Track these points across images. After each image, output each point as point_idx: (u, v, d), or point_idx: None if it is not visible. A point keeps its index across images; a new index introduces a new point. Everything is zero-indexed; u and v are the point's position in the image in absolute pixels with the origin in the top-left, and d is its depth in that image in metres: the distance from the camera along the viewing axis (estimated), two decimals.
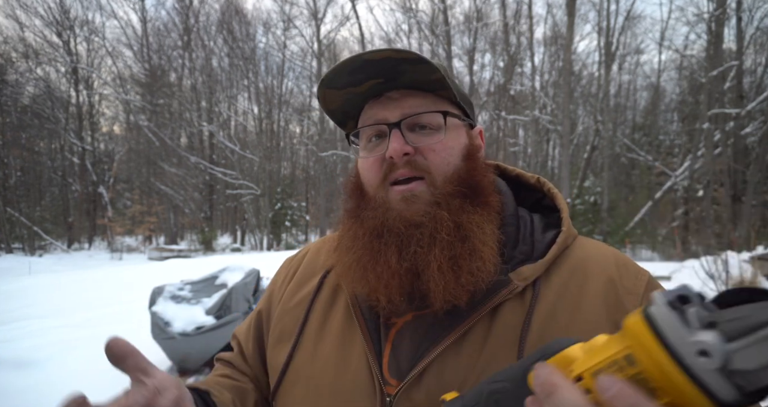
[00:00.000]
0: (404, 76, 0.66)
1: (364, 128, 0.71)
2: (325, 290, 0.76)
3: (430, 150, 0.66)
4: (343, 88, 0.68)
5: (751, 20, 20.22)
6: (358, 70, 0.65)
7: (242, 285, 4.81)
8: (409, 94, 0.68)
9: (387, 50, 0.62)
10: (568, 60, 19.75)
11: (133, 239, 28.92)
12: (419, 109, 0.67)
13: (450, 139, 0.68)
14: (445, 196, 0.65)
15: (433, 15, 27.76)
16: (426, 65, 0.63)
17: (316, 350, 0.69)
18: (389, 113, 0.68)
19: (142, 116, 28.42)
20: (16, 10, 26.27)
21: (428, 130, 0.68)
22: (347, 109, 0.73)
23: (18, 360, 4.29)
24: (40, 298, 7.97)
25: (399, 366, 0.63)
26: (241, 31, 30.45)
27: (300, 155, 36.72)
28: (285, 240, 28.03)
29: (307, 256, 0.86)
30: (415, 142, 0.66)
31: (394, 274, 0.63)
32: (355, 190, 0.72)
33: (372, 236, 0.66)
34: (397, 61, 0.63)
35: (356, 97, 0.70)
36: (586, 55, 34.84)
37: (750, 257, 8.36)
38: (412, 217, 0.64)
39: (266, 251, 24.96)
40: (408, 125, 0.67)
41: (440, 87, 0.67)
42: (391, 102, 0.68)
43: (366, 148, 0.71)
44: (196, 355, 4.32)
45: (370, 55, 0.62)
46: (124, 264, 16.86)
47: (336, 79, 0.66)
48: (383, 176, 0.67)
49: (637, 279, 0.65)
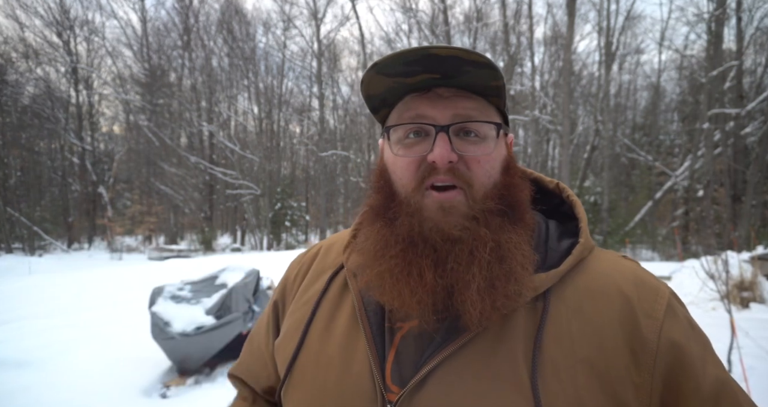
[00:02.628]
0: (464, 76, 0.62)
1: (404, 125, 0.65)
2: (332, 289, 0.75)
3: (474, 161, 0.63)
4: (393, 77, 0.64)
5: (751, 20, 20.20)
6: (417, 63, 0.60)
7: (242, 285, 4.81)
8: (461, 94, 0.64)
9: (456, 49, 0.58)
10: (568, 60, 19.74)
11: (133, 239, 28.87)
12: (471, 113, 0.64)
13: (495, 151, 0.65)
14: (483, 212, 0.62)
15: (433, 15, 27.77)
16: (490, 71, 0.60)
17: (321, 350, 0.68)
18: (438, 113, 0.63)
19: (142, 115, 28.39)
20: (16, 10, 26.30)
21: (475, 138, 0.64)
22: (387, 96, 0.68)
23: (18, 360, 4.29)
24: (40, 298, 7.97)
25: (401, 372, 0.62)
26: (241, 31, 30.44)
27: (300, 155, 36.71)
28: (285, 240, 28.01)
29: (320, 253, 0.85)
30: (462, 150, 0.63)
31: (429, 291, 0.60)
32: (383, 186, 0.68)
33: (406, 243, 0.62)
34: (463, 61, 0.60)
35: (401, 88, 0.66)
36: (586, 55, 34.86)
37: (750, 257, 8.35)
38: (450, 230, 0.60)
39: (266, 251, 24.94)
40: (455, 129, 0.63)
41: (495, 94, 0.64)
42: (440, 100, 0.64)
43: (402, 143, 0.66)
44: (196, 355, 4.32)
45: (437, 50, 0.58)
46: (124, 264, 16.85)
47: (389, 67, 0.62)
48: (420, 179, 0.63)
49: (656, 302, 0.62)
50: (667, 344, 0.59)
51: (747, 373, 3.60)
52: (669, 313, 0.62)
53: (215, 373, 4.50)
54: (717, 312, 6.17)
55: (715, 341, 3.60)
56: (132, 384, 4.04)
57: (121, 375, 4.15)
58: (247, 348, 0.89)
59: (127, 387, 3.97)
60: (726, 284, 5.04)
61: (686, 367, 0.59)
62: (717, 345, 3.79)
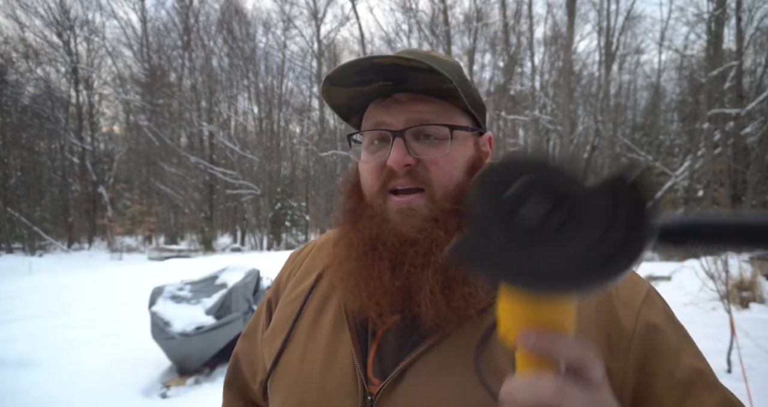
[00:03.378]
0: (413, 81, 0.63)
1: (365, 132, 0.69)
2: (321, 286, 0.77)
3: (433, 163, 0.64)
4: (351, 87, 0.66)
5: (751, 20, 20.21)
6: (366, 71, 0.63)
7: (242, 285, 4.82)
8: (417, 98, 0.65)
9: (395, 57, 0.60)
10: (568, 60, 19.74)
11: (133, 239, 28.88)
12: (426, 116, 0.65)
13: (455, 151, 0.66)
14: (443, 212, 0.63)
15: (433, 15, 27.79)
16: (435, 75, 0.61)
17: (307, 346, 0.70)
18: (393, 119, 0.65)
19: (142, 115, 28.41)
20: (16, 10, 26.26)
21: (433, 139, 0.65)
22: (352, 104, 0.71)
23: (18, 360, 4.29)
24: (40, 298, 7.97)
25: (382, 366, 0.64)
26: (241, 31, 30.46)
27: (300, 155, 36.71)
28: (285, 240, 28.01)
29: (312, 252, 0.87)
30: (419, 153, 0.64)
31: (385, 292, 0.62)
32: (353, 191, 0.71)
33: (366, 247, 0.65)
34: (405, 68, 0.61)
35: (363, 96, 0.68)
36: (586, 55, 34.84)
37: (750, 257, 8.36)
38: (407, 232, 0.63)
39: (266, 251, 24.95)
40: (413, 133, 0.65)
41: (452, 96, 0.65)
42: (396, 106, 0.66)
43: (368, 150, 0.69)
44: (196, 355, 4.32)
45: (379, 59, 0.60)
46: (124, 264, 16.86)
47: (342, 78, 0.64)
48: (382, 183, 0.66)
49: (635, 292, 0.63)
50: (644, 326, 0.60)
51: (747, 373, 3.59)
52: (647, 302, 0.63)
53: (215, 373, 4.50)
54: (717, 312, 6.17)
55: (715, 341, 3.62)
56: (132, 384, 4.04)
57: (121, 375, 4.15)
58: (242, 344, 0.90)
59: (127, 387, 3.97)
60: (726, 284, 5.05)
61: (662, 351, 0.59)
62: (717, 344, 3.80)
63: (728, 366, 4.17)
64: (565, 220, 0.32)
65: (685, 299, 7.22)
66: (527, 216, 0.32)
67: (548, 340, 0.36)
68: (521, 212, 0.33)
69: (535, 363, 0.37)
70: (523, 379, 0.36)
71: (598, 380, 0.37)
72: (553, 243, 0.32)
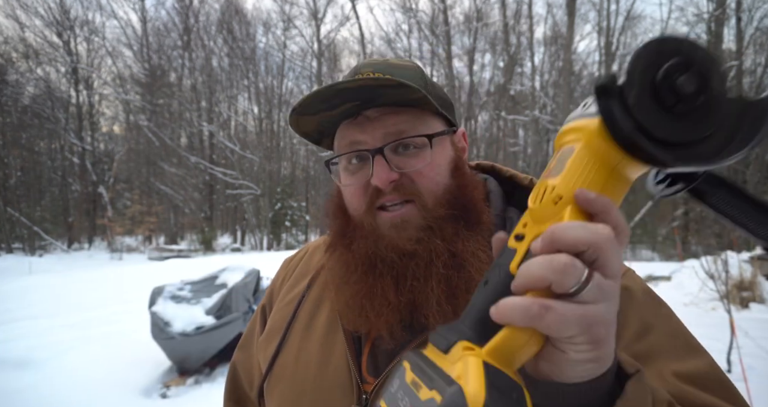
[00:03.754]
0: (382, 98, 0.63)
1: (341, 155, 0.67)
2: (314, 290, 0.78)
3: (417, 174, 0.63)
4: (318, 114, 0.66)
5: (751, 20, 20.21)
6: (333, 98, 0.62)
7: (242, 285, 4.82)
8: (388, 112, 0.64)
9: (362, 79, 0.59)
10: (568, 60, 19.74)
11: (133, 239, 28.87)
12: (402, 127, 0.64)
13: (437, 157, 0.65)
14: (437, 220, 0.62)
15: (433, 15, 27.78)
16: (406, 89, 0.60)
17: (301, 348, 0.71)
18: (368, 137, 0.64)
19: (142, 116, 28.40)
20: (16, 10, 26.26)
21: (413, 149, 0.64)
22: (322, 129, 0.70)
23: (18, 360, 4.29)
24: (40, 298, 7.98)
25: (377, 364, 0.65)
26: (241, 31, 30.46)
27: (300, 155, 36.69)
28: (285, 240, 28.02)
29: (305, 257, 0.87)
30: (401, 166, 0.63)
31: (393, 309, 0.62)
32: (337, 211, 0.70)
33: (365, 266, 0.64)
34: (374, 87, 0.60)
35: (331, 120, 0.67)
36: (586, 55, 34.79)
37: (750, 257, 8.36)
38: (404, 245, 0.62)
39: (266, 251, 24.95)
40: (391, 147, 0.64)
41: (422, 103, 0.64)
42: (369, 123, 0.64)
43: (347, 170, 0.67)
44: (196, 355, 4.32)
45: (346, 84, 0.59)
46: (124, 264, 16.85)
47: (309, 108, 0.64)
48: (369, 202, 0.64)
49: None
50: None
51: (747, 373, 3.60)
52: (626, 275, 0.63)
53: (215, 373, 4.50)
54: (717, 312, 6.17)
55: (715, 341, 3.63)
56: (132, 384, 4.04)
57: (121, 375, 4.15)
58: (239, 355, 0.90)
59: (127, 387, 3.97)
60: (726, 284, 5.05)
61: (627, 319, 0.58)
62: (717, 344, 3.80)
63: (728, 366, 4.17)
64: (706, 103, 0.35)
65: (685, 300, 7.22)
66: (678, 90, 0.34)
67: (607, 203, 0.36)
68: (675, 83, 0.34)
69: (584, 219, 0.37)
70: (577, 221, 0.35)
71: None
72: (693, 120, 0.35)
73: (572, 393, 0.37)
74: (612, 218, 0.36)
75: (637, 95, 0.35)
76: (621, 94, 0.35)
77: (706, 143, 0.35)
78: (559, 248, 0.33)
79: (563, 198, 0.38)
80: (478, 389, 0.31)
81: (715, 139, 0.35)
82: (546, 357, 0.36)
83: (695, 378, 0.54)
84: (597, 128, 0.37)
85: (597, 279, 0.33)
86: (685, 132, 0.35)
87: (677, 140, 0.35)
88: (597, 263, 0.33)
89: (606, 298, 0.33)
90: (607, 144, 0.37)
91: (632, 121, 0.35)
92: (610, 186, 0.39)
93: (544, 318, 0.32)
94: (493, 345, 0.35)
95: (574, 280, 0.32)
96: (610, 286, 0.34)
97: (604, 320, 0.33)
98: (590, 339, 0.33)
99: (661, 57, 0.35)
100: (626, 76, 0.35)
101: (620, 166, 0.38)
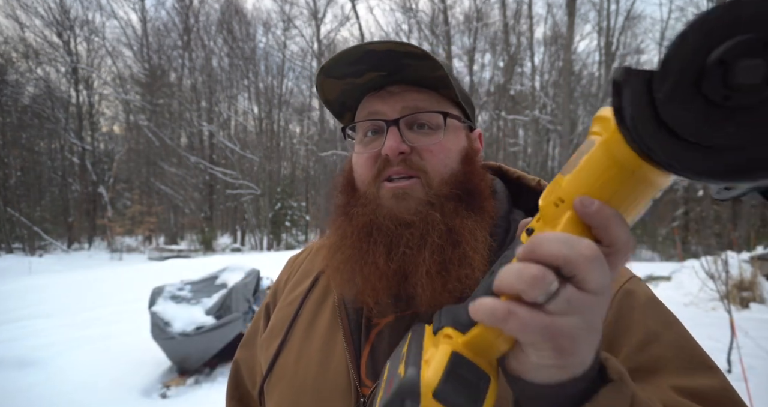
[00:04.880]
0: (407, 70, 0.64)
1: (360, 122, 0.69)
2: (317, 289, 0.77)
3: (427, 151, 0.65)
4: (343, 79, 0.66)
5: None
6: (360, 61, 0.63)
7: (242, 285, 4.82)
8: (410, 89, 0.66)
9: (390, 42, 0.60)
10: (568, 60, 19.74)
11: (133, 239, 28.88)
12: (420, 104, 0.65)
13: (449, 140, 0.66)
14: (439, 197, 0.63)
15: (433, 15, 27.77)
16: (430, 62, 0.62)
17: (302, 348, 0.70)
18: (388, 108, 0.66)
19: (142, 116, 28.41)
20: (16, 10, 26.27)
21: (427, 129, 0.66)
22: (345, 100, 0.71)
23: (18, 359, 4.29)
24: (40, 298, 7.97)
25: (376, 367, 0.64)
26: (241, 31, 30.46)
27: (300, 155, 36.71)
28: (285, 240, 28.02)
29: (309, 255, 0.87)
30: (413, 141, 0.65)
31: (381, 276, 0.62)
32: (346, 185, 0.71)
33: (361, 233, 0.64)
34: (401, 54, 0.61)
35: (355, 89, 0.68)
36: (586, 55, 34.80)
37: (750, 257, 8.36)
38: (402, 215, 0.62)
39: (266, 251, 24.95)
40: (407, 122, 0.65)
41: (443, 85, 0.66)
42: (390, 96, 0.66)
43: (362, 142, 0.69)
44: (196, 355, 4.32)
45: (373, 45, 0.61)
46: (124, 264, 16.85)
47: (336, 69, 0.64)
48: (377, 173, 0.65)
49: (614, 280, 0.61)
50: (623, 293, 0.60)
51: (747, 373, 3.60)
52: (626, 286, 0.62)
53: (215, 373, 4.50)
54: (717, 312, 6.17)
55: (715, 341, 3.63)
56: (132, 384, 4.04)
57: (121, 375, 4.15)
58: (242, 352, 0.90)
59: (127, 387, 3.97)
60: (726, 284, 5.05)
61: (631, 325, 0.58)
62: (717, 344, 3.81)
63: (728, 366, 4.17)
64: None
65: (685, 300, 7.22)
66: (732, 80, 0.27)
67: (609, 216, 0.34)
68: (732, 71, 0.26)
69: (580, 230, 0.34)
70: (561, 234, 0.34)
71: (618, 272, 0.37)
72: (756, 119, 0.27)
73: (539, 392, 0.37)
74: (611, 234, 0.34)
75: (672, 88, 0.28)
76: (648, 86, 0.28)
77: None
78: (536, 259, 0.33)
79: (565, 202, 0.35)
80: (434, 375, 0.34)
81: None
82: (513, 355, 0.37)
83: (701, 395, 0.52)
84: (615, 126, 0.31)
85: (569, 293, 0.33)
86: (737, 135, 0.27)
87: (726, 144, 0.27)
88: (575, 279, 0.33)
89: (577, 312, 0.33)
90: (624, 147, 0.32)
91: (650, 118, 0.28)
92: (625, 193, 0.33)
93: (507, 321, 0.33)
94: (468, 338, 0.37)
95: (541, 292, 0.32)
96: (585, 301, 0.33)
97: (570, 333, 0.33)
98: (554, 347, 0.33)
99: (724, 34, 0.27)
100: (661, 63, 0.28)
101: (642, 171, 0.32)
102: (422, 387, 0.34)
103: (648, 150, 0.29)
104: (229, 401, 0.90)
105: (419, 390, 0.34)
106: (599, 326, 0.36)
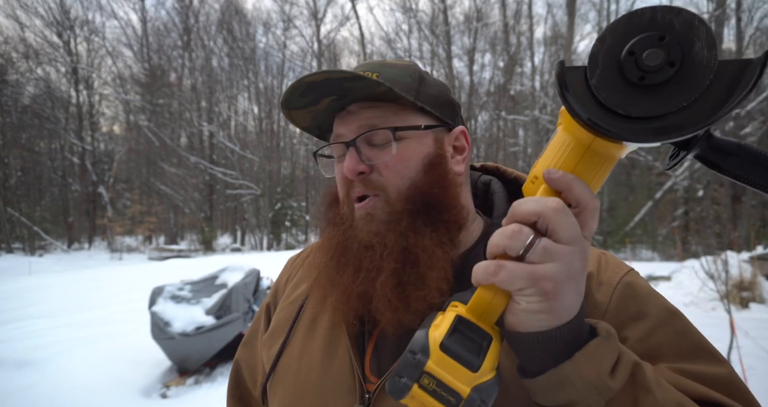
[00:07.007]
0: (354, 91, 0.64)
1: (323, 148, 0.72)
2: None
3: (384, 166, 0.64)
4: (305, 108, 0.68)
5: (751, 20, 20.23)
6: (309, 91, 0.64)
7: (242, 285, 4.81)
8: (366, 106, 0.66)
9: (325, 72, 0.60)
10: (568, 60, 19.71)
11: (133, 239, 28.89)
12: (374, 121, 0.65)
13: (406, 151, 0.65)
14: (395, 214, 0.63)
15: (433, 15, 27.78)
16: (366, 81, 0.61)
17: (305, 347, 0.71)
18: (346, 129, 0.67)
19: (142, 115, 28.43)
20: (16, 10, 26.31)
21: (382, 143, 0.65)
22: (319, 124, 0.72)
23: (18, 360, 4.29)
24: (40, 298, 7.98)
25: (380, 363, 0.65)
26: (241, 31, 30.47)
27: (300, 155, 36.69)
28: (285, 240, 28.02)
29: (310, 256, 0.87)
30: (372, 159, 0.65)
31: (348, 298, 0.64)
32: (333, 201, 0.73)
33: (336, 252, 0.66)
34: (337, 80, 0.61)
35: (322, 115, 0.69)
36: (586, 56, 34.76)
37: (750, 257, 8.36)
38: (364, 237, 0.64)
39: (266, 251, 24.96)
40: (366, 139, 0.65)
41: (393, 98, 0.64)
42: (349, 116, 0.67)
43: (338, 162, 0.71)
44: (196, 355, 4.32)
45: (312, 77, 0.61)
46: (124, 264, 16.85)
47: (293, 101, 0.66)
48: (346, 193, 0.68)
49: (614, 273, 0.63)
50: (623, 285, 0.61)
51: (747, 373, 3.60)
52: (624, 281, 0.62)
53: (215, 373, 4.50)
54: (717, 312, 6.17)
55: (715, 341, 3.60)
56: (132, 384, 4.04)
57: (121, 375, 4.15)
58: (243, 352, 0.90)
59: (127, 387, 3.97)
60: (726, 284, 5.05)
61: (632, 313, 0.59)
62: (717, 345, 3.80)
63: None
64: (682, 72, 0.36)
65: (685, 300, 7.22)
66: (642, 65, 0.36)
67: (569, 181, 0.42)
68: (640, 59, 0.36)
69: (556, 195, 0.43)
70: (531, 197, 0.43)
71: (591, 229, 0.44)
72: (667, 92, 0.36)
73: (533, 341, 0.43)
74: (574, 194, 0.42)
75: (600, 75, 0.37)
76: (584, 75, 0.38)
77: (687, 111, 0.36)
78: (516, 220, 0.42)
79: (538, 178, 0.44)
80: (441, 333, 0.43)
81: (700, 104, 0.35)
82: (509, 309, 0.44)
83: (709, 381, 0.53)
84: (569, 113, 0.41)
85: (543, 243, 0.41)
86: (654, 105, 0.36)
87: (647, 113, 0.36)
88: (548, 230, 0.41)
89: (554, 259, 0.41)
90: (576, 125, 0.41)
91: (591, 101, 0.38)
92: (585, 164, 0.42)
93: (498, 274, 0.41)
94: (470, 304, 0.45)
95: (519, 244, 0.41)
96: (559, 249, 0.41)
97: (551, 276, 0.40)
98: (538, 291, 0.41)
99: (629, 34, 0.36)
100: (589, 58, 0.38)
101: (595, 145, 0.41)
102: (431, 343, 0.42)
103: (593, 124, 0.38)
104: (230, 400, 0.90)
105: (428, 344, 0.42)
106: (579, 275, 0.42)
